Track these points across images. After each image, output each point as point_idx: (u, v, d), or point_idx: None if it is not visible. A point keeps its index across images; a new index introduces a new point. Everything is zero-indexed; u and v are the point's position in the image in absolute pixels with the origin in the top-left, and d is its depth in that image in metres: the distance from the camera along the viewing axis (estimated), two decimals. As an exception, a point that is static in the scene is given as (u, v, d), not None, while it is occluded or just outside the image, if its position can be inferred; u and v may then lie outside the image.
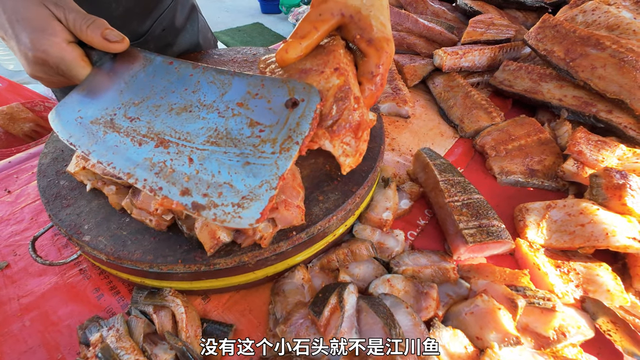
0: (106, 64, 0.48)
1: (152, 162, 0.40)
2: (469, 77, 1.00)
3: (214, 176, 0.37)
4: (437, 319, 0.46)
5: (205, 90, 0.44)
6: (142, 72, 0.48)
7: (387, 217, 0.58)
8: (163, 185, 0.38)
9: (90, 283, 0.54)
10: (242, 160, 0.38)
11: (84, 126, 0.45)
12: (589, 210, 0.57)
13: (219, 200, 0.36)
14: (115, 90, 0.47)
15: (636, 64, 0.73)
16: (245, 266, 0.47)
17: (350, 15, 0.42)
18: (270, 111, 0.40)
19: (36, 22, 0.42)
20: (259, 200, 0.35)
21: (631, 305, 0.51)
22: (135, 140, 0.42)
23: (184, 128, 0.41)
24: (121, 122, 0.44)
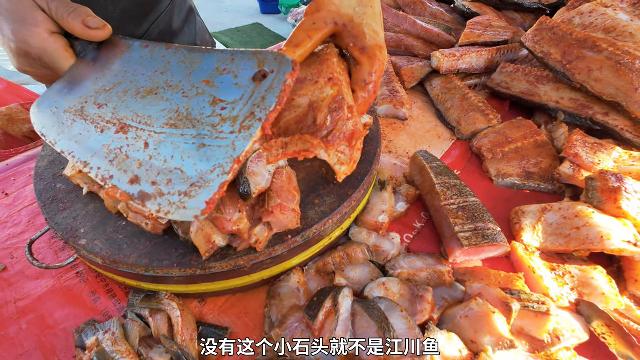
0: (90, 54, 0.46)
1: (109, 149, 0.38)
2: (467, 79, 1.00)
3: (166, 161, 0.35)
4: (432, 323, 0.47)
5: (173, 71, 0.42)
6: (119, 59, 0.46)
7: (383, 220, 0.58)
8: (114, 174, 0.36)
9: (87, 286, 0.54)
10: (198, 142, 0.34)
11: (57, 116, 0.44)
12: (585, 213, 0.57)
13: (166, 188, 0.33)
14: (91, 79, 0.45)
15: (632, 66, 0.73)
16: (241, 270, 0.47)
17: (343, 24, 0.42)
18: (235, 87, 0.36)
19: (18, 13, 0.41)
20: (207, 187, 0.32)
21: (626, 308, 0.51)
22: (99, 128, 0.40)
23: (146, 112, 0.39)
24: (90, 109, 0.42)
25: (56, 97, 0.45)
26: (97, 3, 0.68)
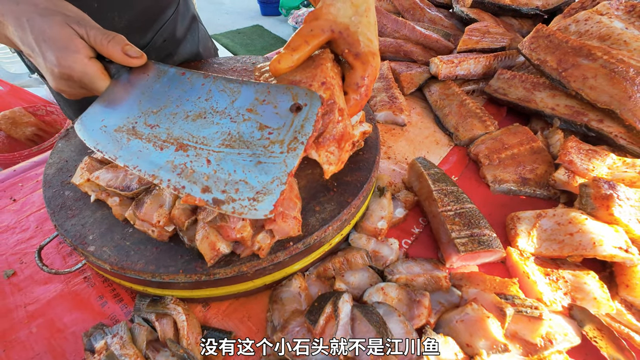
0: (123, 76, 0.52)
1: (173, 164, 0.43)
2: (465, 85, 1.02)
3: (230, 175, 0.41)
4: (429, 327, 0.48)
5: (217, 98, 0.48)
6: (158, 83, 0.52)
7: (381, 226, 0.60)
8: (185, 185, 0.41)
9: (95, 291, 0.56)
10: (255, 160, 0.41)
11: (109, 134, 0.49)
12: (578, 219, 0.59)
13: (236, 195, 0.39)
14: (134, 100, 0.50)
15: (626, 74, 0.75)
16: (244, 276, 0.49)
17: (339, 32, 0.45)
18: (277, 115, 0.44)
19: (61, 41, 0.45)
20: (271, 194, 0.39)
21: (617, 312, 0.52)
22: (157, 145, 0.46)
23: (200, 133, 0.45)
24: (142, 129, 0.48)
25: (100, 116, 0.51)
26: (104, 15, 0.70)
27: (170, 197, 0.49)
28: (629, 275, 0.54)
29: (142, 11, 0.77)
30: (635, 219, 0.58)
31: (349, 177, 0.59)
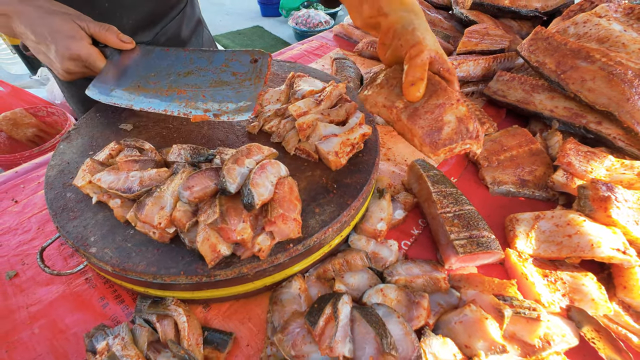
0: (115, 57, 0.66)
1: (179, 101, 0.60)
2: (464, 87, 1.02)
3: (220, 102, 0.59)
4: (428, 328, 0.49)
5: (198, 62, 0.65)
6: (148, 58, 0.66)
7: (381, 228, 0.60)
8: (191, 111, 0.58)
9: (96, 292, 0.56)
10: (234, 91, 0.60)
11: (120, 93, 0.63)
12: (576, 221, 0.59)
13: (227, 110, 0.57)
14: (132, 70, 0.65)
15: (624, 77, 0.75)
16: (244, 277, 0.49)
17: (434, 56, 0.54)
18: (243, 66, 0.64)
19: (69, 32, 0.59)
20: (250, 104, 0.58)
21: (615, 314, 0.53)
22: (162, 93, 0.61)
23: (192, 82, 0.62)
24: (147, 86, 0.63)
25: (107, 84, 0.63)
26: (112, 15, 0.75)
27: (171, 199, 0.49)
28: (626, 276, 0.54)
29: (149, 12, 0.82)
30: (633, 221, 0.59)
31: (349, 179, 0.59)
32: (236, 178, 0.48)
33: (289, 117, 0.67)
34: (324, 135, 0.61)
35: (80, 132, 0.71)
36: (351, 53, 1.24)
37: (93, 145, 0.68)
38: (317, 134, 0.62)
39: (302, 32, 3.42)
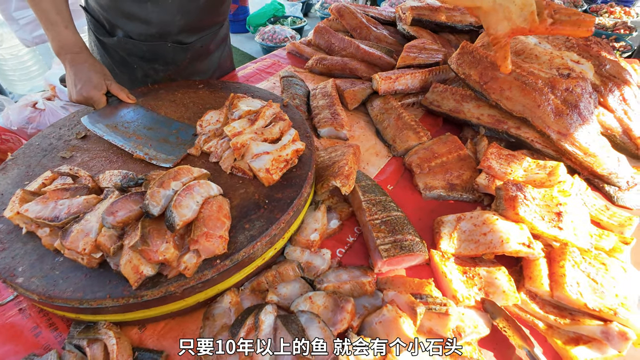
0: (113, 103, 0.86)
1: (133, 142, 0.75)
2: (406, 98, 1.09)
3: (157, 152, 0.73)
4: (351, 330, 0.52)
5: (161, 124, 0.82)
6: (134, 110, 0.85)
7: (314, 238, 0.64)
8: (136, 151, 0.73)
9: (30, 321, 0.56)
10: (171, 148, 0.75)
11: (101, 126, 0.79)
12: (490, 220, 0.65)
13: (159, 157, 0.72)
14: (117, 115, 0.83)
15: (535, 86, 0.83)
16: (173, 295, 0.51)
17: None
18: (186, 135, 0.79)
19: (94, 83, 0.83)
20: (173, 159, 0.72)
21: (523, 302, 0.58)
22: (126, 135, 0.77)
23: (149, 134, 0.78)
24: (120, 127, 0.79)
25: (97, 119, 0.81)
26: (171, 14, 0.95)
27: (97, 225, 0.51)
28: (531, 268, 0.60)
29: (197, 19, 1.01)
30: (539, 217, 0.65)
31: (281, 194, 0.63)
32: (160, 200, 0.51)
33: (225, 137, 0.70)
34: (256, 154, 0.64)
35: (17, 162, 0.71)
36: (302, 70, 1.29)
37: (30, 174, 0.68)
38: (250, 152, 0.65)
39: (269, 47, 3.49)
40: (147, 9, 0.93)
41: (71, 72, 0.82)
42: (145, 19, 0.95)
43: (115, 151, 0.74)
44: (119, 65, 1.08)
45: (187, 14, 0.98)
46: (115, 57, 1.07)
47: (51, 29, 0.81)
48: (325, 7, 4.13)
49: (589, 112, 0.83)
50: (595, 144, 0.81)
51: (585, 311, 0.55)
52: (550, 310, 0.57)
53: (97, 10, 1.01)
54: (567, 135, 0.80)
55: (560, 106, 0.81)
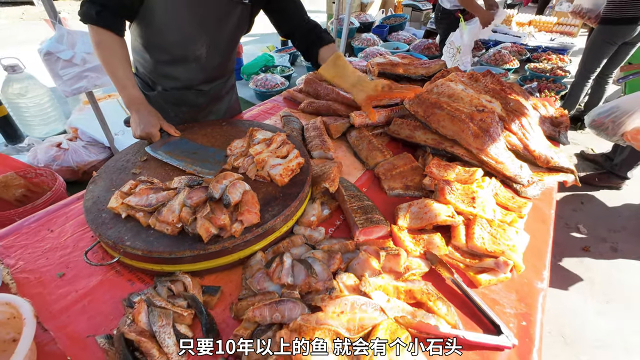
0: (164, 137, 1.16)
1: (184, 163, 1.04)
2: (376, 129, 1.46)
3: (202, 168, 1.02)
4: (340, 269, 0.81)
5: (202, 150, 1.13)
6: (179, 141, 1.17)
7: (312, 220, 0.95)
8: (187, 168, 1.02)
9: (124, 278, 0.83)
10: (210, 166, 1.04)
11: (160, 152, 1.09)
12: (429, 203, 0.98)
13: (204, 171, 1.01)
14: (169, 145, 1.13)
15: (460, 117, 1.21)
16: (226, 250, 0.80)
17: None
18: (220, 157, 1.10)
19: (153, 123, 1.12)
20: (212, 173, 1.00)
21: (450, 253, 0.89)
22: (178, 157, 1.07)
23: (194, 157, 1.08)
24: (173, 153, 1.09)
25: (156, 148, 1.11)
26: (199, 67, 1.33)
27: (178, 206, 0.81)
28: (455, 231, 0.92)
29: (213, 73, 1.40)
30: (460, 200, 0.99)
31: (290, 190, 0.94)
32: (218, 190, 0.82)
33: (250, 156, 1.03)
34: (272, 165, 0.97)
35: (102, 177, 1.01)
36: (296, 110, 1.67)
37: (113, 184, 0.98)
38: (268, 164, 0.98)
39: (262, 93, 3.96)
40: (178, 71, 1.30)
41: (136, 117, 1.12)
42: (176, 77, 1.32)
43: (170, 169, 1.05)
44: (158, 110, 1.43)
45: (205, 71, 1.36)
46: (155, 105, 1.42)
47: (124, 90, 1.12)
48: (309, 57, 4.71)
49: (497, 135, 1.20)
50: (503, 156, 1.17)
51: (486, 254, 0.87)
52: (467, 255, 0.89)
53: (143, 73, 1.37)
54: (483, 150, 1.17)
55: (477, 131, 1.19)
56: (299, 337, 0.63)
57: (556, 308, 1.81)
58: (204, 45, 1.27)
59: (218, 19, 1.22)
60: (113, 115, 2.49)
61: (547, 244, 0.98)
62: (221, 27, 1.25)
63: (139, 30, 1.21)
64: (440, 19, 3.42)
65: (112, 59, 1.10)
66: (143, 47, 1.26)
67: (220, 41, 1.30)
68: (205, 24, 1.21)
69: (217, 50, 1.31)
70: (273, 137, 1.07)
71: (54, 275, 0.84)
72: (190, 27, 1.19)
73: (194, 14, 1.16)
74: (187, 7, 1.13)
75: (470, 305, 0.79)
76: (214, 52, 1.31)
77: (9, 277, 0.83)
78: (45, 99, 3.04)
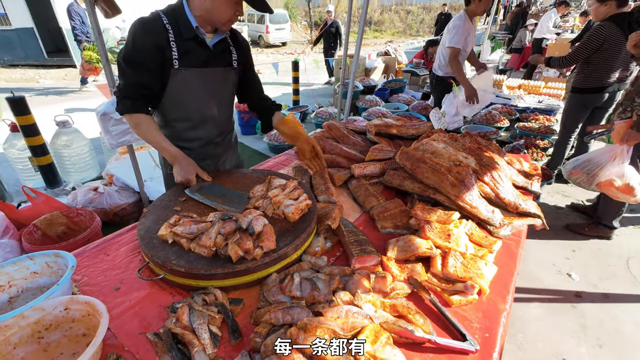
0: (199, 182, 1.44)
1: (215, 202, 1.31)
2: (372, 179, 1.73)
3: (229, 207, 1.29)
4: (339, 288, 1.02)
5: (230, 193, 1.39)
6: (211, 185, 1.44)
7: (317, 250, 1.17)
8: (219, 206, 1.29)
9: (166, 292, 1.05)
10: (236, 206, 1.29)
11: (197, 194, 1.36)
12: (413, 239, 1.20)
13: (231, 209, 1.27)
14: (204, 189, 1.40)
15: (441, 170, 1.48)
16: (249, 270, 1.02)
17: None
18: (243, 198, 1.36)
19: (191, 170, 1.42)
20: (238, 211, 1.24)
21: (429, 279, 1.09)
22: (211, 198, 1.34)
23: (224, 199, 1.34)
24: (207, 194, 1.37)
25: (194, 191, 1.38)
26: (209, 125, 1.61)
27: (214, 234, 1.05)
28: (433, 261, 1.13)
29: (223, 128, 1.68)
30: (438, 236, 1.21)
31: (299, 225, 1.18)
32: (245, 222, 1.07)
33: (268, 198, 1.29)
34: (286, 205, 1.23)
35: (151, 213, 1.28)
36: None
37: (160, 219, 1.24)
38: (283, 204, 1.23)
39: (275, 146, 4.38)
40: (199, 132, 1.59)
41: (177, 167, 1.40)
42: (199, 137, 1.60)
43: (204, 207, 1.31)
44: None
45: (218, 126, 1.65)
46: None
47: (165, 151, 1.41)
48: (319, 116, 5.24)
49: (471, 184, 1.46)
50: (477, 202, 1.41)
51: (458, 279, 1.06)
52: (442, 281, 1.08)
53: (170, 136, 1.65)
54: (459, 197, 1.41)
55: (454, 181, 1.45)
56: (304, 334, 0.82)
57: (549, 352, 1.87)
58: (215, 106, 1.56)
59: (220, 82, 1.54)
60: (144, 164, 2.85)
61: (512, 275, 1.17)
62: (224, 88, 1.57)
63: (163, 111, 1.51)
64: (435, 84, 3.90)
65: (150, 131, 1.40)
66: (168, 122, 1.54)
67: (224, 99, 1.61)
68: (212, 89, 1.51)
69: (223, 107, 1.63)
70: (287, 183, 1.35)
71: (112, 288, 1.06)
72: (203, 94, 1.49)
73: (204, 83, 1.46)
74: (197, 80, 1.44)
75: (443, 320, 0.97)
76: (222, 109, 1.62)
77: (77, 289, 1.05)
78: (85, 150, 3.46)
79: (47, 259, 1.05)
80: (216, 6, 1.30)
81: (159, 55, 1.32)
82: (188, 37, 1.35)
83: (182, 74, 1.39)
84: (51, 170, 3.25)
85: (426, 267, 1.14)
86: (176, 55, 1.35)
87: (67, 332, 0.89)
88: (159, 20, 1.32)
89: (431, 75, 4.02)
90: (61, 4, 10.10)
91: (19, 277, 1.03)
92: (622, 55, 2.80)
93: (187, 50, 1.37)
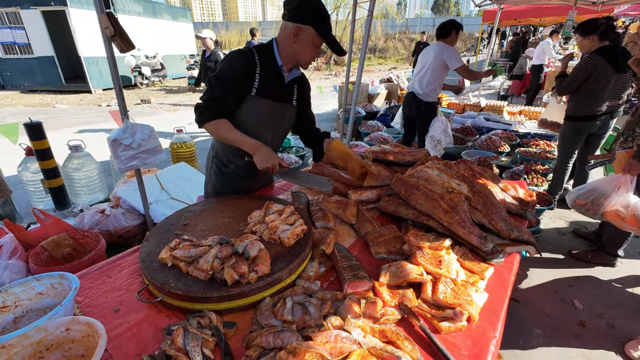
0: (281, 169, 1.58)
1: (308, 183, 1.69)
2: (368, 205, 1.78)
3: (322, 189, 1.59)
4: (330, 313, 1.04)
5: (315, 178, 1.40)
6: (295, 171, 1.78)
7: (311, 274, 1.21)
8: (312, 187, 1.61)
9: (163, 314, 1.08)
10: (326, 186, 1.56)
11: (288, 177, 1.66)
12: (405, 264, 1.23)
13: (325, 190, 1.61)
14: (291, 173, 1.69)
15: (434, 196, 1.53)
16: (243, 293, 1.06)
17: None
18: None
19: (273, 157, 1.54)
20: None
21: (419, 305, 1.11)
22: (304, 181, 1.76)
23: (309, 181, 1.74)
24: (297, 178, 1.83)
25: (282, 175, 1.62)
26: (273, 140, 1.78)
27: (211, 258, 1.10)
28: (424, 287, 1.15)
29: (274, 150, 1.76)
30: (429, 262, 1.23)
31: (294, 250, 1.23)
32: (241, 247, 1.12)
33: (266, 223, 1.35)
34: (282, 230, 1.28)
35: (153, 236, 1.33)
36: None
37: (162, 242, 1.29)
38: (279, 229, 1.28)
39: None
40: None
41: (259, 155, 1.53)
42: None
43: (203, 229, 1.37)
44: (230, 181, 1.86)
45: None
46: (228, 177, 1.85)
47: (245, 142, 1.54)
48: (321, 140, 5.36)
49: (463, 211, 1.49)
50: (469, 228, 1.44)
51: (447, 306, 1.08)
52: (433, 307, 1.10)
53: (222, 155, 1.83)
54: (452, 223, 1.45)
55: (446, 208, 1.49)
56: (293, 358, 0.85)
57: (554, 384, 1.82)
58: (270, 134, 1.76)
59: (281, 116, 1.76)
60: (150, 187, 2.94)
61: (503, 302, 1.18)
62: (282, 121, 1.79)
63: None
64: (423, 111, 3.89)
65: (230, 130, 1.57)
66: None
67: (280, 130, 1.82)
68: (274, 120, 1.74)
69: (277, 136, 1.83)
70: (284, 208, 1.40)
71: (111, 309, 1.10)
72: (265, 122, 1.70)
73: (269, 113, 1.69)
74: (265, 109, 1.66)
75: (432, 347, 0.98)
76: (276, 138, 1.83)
77: (78, 310, 1.09)
78: (95, 173, 3.58)
79: (52, 280, 1.10)
80: (302, 48, 1.56)
81: (245, 80, 1.57)
82: (272, 72, 1.62)
83: (255, 101, 1.62)
84: (61, 192, 3.36)
85: (417, 293, 1.16)
86: (257, 84, 1.60)
87: (66, 352, 0.93)
88: (253, 54, 1.59)
89: (416, 101, 3.92)
90: (81, 34, 10.73)
91: (25, 297, 1.08)
92: (611, 85, 2.89)
93: (267, 83, 1.62)
